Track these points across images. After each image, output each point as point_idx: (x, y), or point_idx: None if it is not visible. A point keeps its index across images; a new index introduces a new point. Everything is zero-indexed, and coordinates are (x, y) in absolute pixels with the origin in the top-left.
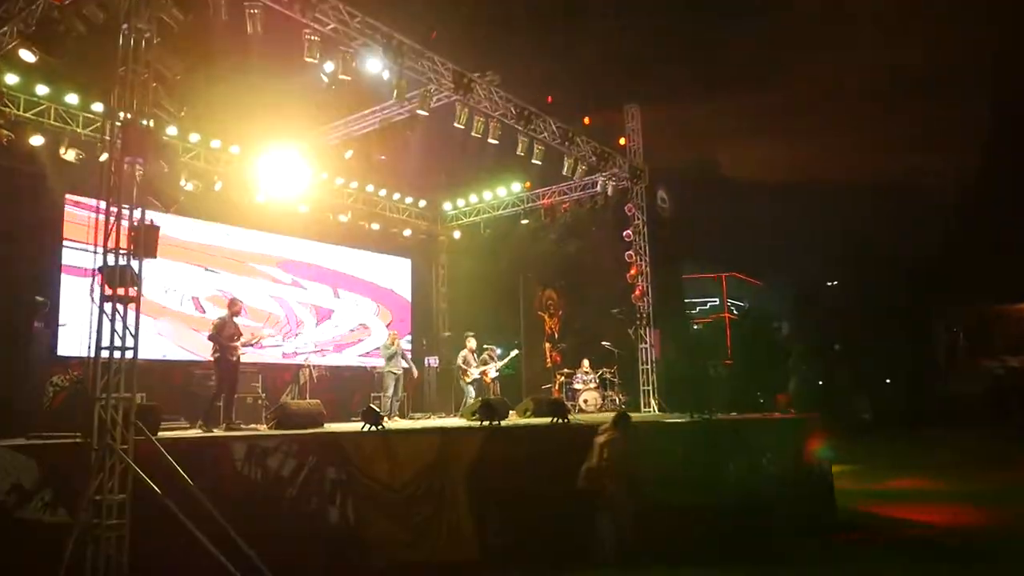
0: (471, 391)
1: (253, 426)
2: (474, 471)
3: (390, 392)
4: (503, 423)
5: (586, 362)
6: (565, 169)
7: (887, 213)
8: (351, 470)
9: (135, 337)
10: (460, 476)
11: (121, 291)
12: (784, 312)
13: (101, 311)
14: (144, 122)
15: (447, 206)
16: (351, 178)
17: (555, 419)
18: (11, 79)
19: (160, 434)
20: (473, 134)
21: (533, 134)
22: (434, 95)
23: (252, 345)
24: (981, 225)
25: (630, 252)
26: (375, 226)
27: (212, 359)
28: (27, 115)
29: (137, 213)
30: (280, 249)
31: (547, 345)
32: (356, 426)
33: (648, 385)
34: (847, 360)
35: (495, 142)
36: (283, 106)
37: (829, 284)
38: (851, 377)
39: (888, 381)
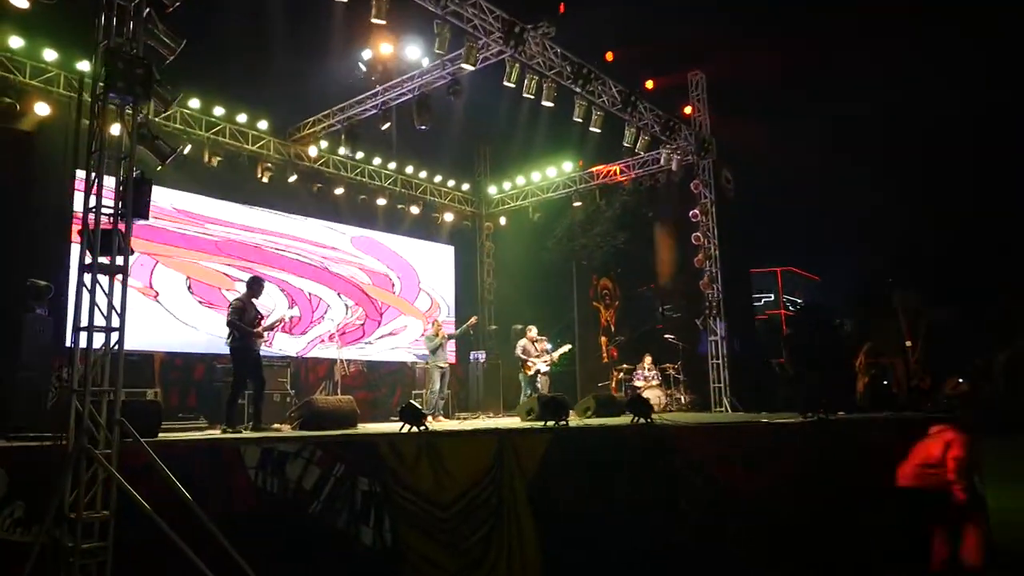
0: (531, 386)
1: (276, 426)
2: (539, 482)
3: (436, 387)
4: (571, 423)
5: (648, 357)
6: (626, 139)
7: (966, 204)
8: (388, 481)
9: (121, 316)
10: (521, 488)
11: (105, 260)
12: (845, 309)
13: (79, 284)
14: (134, 53)
15: (492, 189)
16: (389, 158)
17: (636, 418)
18: (16, 42)
19: (162, 435)
20: (525, 94)
21: (591, 97)
22: (481, 50)
23: (276, 328)
24: None
25: (697, 234)
26: (415, 210)
27: (228, 348)
28: (33, 82)
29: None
30: (310, 233)
31: (603, 339)
32: (394, 427)
33: (720, 382)
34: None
35: (550, 104)
36: (313, 74)
37: (890, 280)
38: (924, 377)
39: (960, 381)
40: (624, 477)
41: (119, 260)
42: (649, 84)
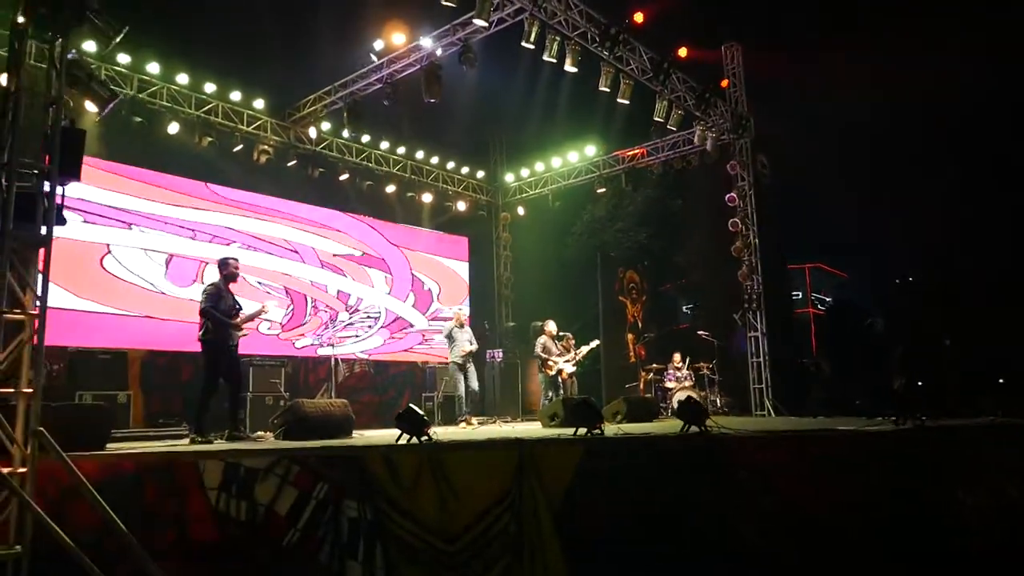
0: (552, 388)
1: (260, 434)
2: (568, 506)
3: (461, 387)
4: (605, 432)
5: (677, 356)
6: (657, 112)
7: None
8: (381, 505)
9: (43, 300)
10: (546, 514)
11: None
12: (876, 307)
13: None
14: None
15: (509, 177)
16: (398, 142)
17: (688, 427)
18: None
19: (126, 446)
20: (546, 57)
21: (619, 65)
22: (496, 9)
23: (256, 319)
24: None
25: (735, 220)
26: (426, 198)
27: (200, 342)
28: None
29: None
30: (310, 221)
31: (630, 336)
32: (393, 435)
33: (761, 383)
34: (958, 358)
35: (573, 70)
36: (313, 47)
37: (905, 279)
38: (963, 376)
39: (1001, 381)
40: (681, 499)
41: (43, 230)
42: (682, 52)
